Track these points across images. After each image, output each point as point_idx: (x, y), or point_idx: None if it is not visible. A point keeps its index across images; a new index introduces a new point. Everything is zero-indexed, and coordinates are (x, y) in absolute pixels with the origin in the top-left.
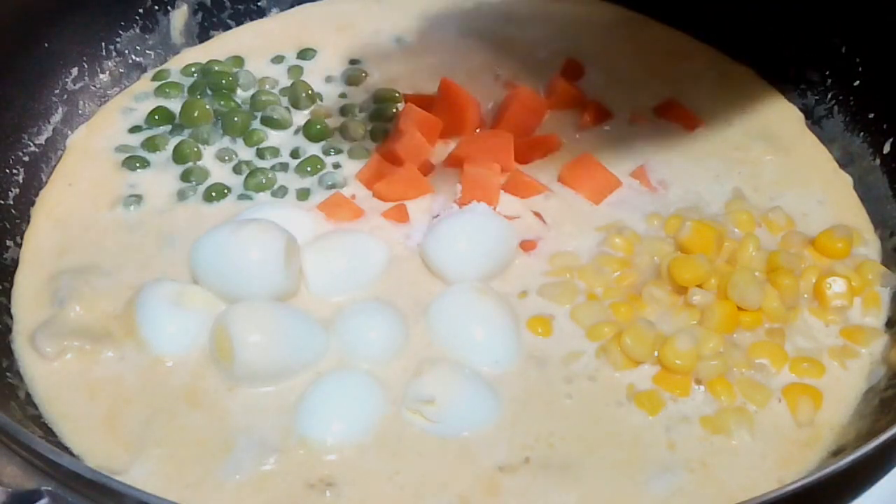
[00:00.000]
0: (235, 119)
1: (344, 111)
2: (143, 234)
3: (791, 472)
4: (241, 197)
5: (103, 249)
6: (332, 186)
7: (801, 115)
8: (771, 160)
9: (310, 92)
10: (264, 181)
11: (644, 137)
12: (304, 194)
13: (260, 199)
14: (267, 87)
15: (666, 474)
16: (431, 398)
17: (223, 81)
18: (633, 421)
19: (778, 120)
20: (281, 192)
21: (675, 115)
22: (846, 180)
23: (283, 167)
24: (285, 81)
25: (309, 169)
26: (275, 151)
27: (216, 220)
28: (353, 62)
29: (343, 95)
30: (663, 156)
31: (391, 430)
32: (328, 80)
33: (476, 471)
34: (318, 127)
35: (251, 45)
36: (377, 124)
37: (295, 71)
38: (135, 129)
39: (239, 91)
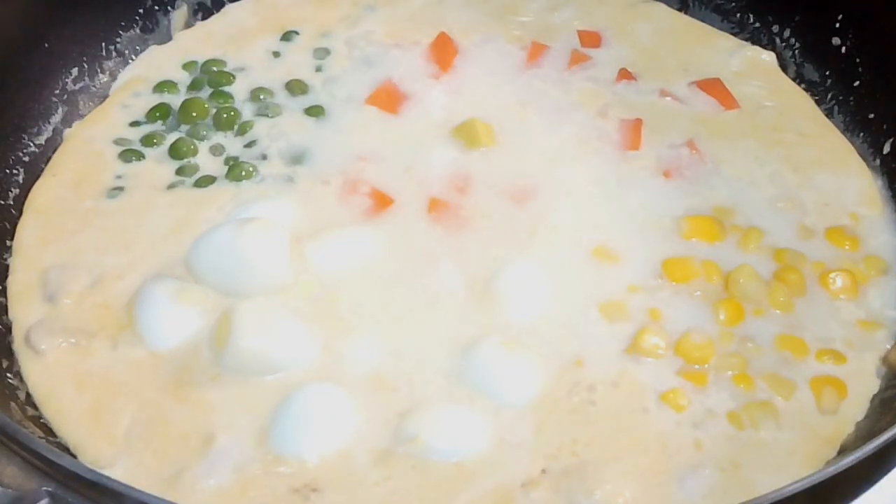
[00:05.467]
0: (224, 116)
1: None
2: (130, 225)
3: (813, 467)
4: (227, 186)
5: (90, 242)
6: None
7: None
8: (801, 144)
9: (304, 89)
10: (244, 174)
11: (683, 113)
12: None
13: (245, 188)
14: (264, 83)
15: (695, 472)
16: (415, 436)
17: (222, 80)
18: (659, 422)
19: (805, 107)
20: (262, 180)
21: (716, 93)
22: (867, 168)
23: (264, 157)
24: (276, 69)
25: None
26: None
27: (205, 212)
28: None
29: (318, 69)
30: (704, 132)
31: (380, 444)
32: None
33: (471, 486)
34: (315, 106)
35: (235, 33)
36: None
37: (277, 55)
38: (133, 125)
39: (237, 85)
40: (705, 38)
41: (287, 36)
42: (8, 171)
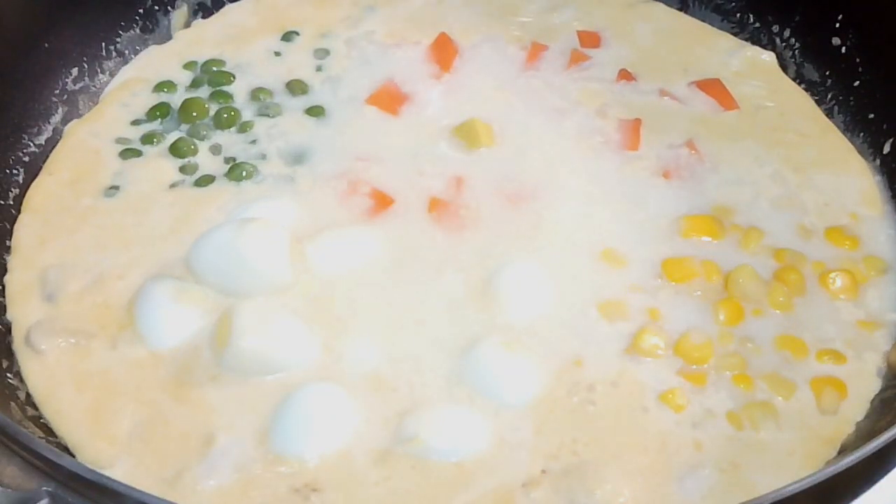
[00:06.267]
0: (224, 115)
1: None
2: (129, 225)
3: (813, 467)
4: (227, 186)
5: (89, 241)
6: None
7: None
8: (801, 144)
9: (304, 89)
10: (244, 173)
11: (683, 113)
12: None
13: (245, 187)
14: (264, 83)
15: (695, 472)
16: (415, 436)
17: (222, 80)
18: (659, 422)
19: (805, 107)
20: (262, 180)
21: (716, 93)
22: (867, 168)
23: (264, 157)
24: (276, 69)
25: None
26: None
27: (205, 212)
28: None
29: (319, 69)
30: (704, 132)
31: (379, 444)
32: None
33: (471, 486)
34: (315, 106)
35: (235, 33)
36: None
37: (277, 55)
38: (134, 124)
39: (237, 85)
40: (705, 38)
41: (287, 36)
42: (8, 170)
